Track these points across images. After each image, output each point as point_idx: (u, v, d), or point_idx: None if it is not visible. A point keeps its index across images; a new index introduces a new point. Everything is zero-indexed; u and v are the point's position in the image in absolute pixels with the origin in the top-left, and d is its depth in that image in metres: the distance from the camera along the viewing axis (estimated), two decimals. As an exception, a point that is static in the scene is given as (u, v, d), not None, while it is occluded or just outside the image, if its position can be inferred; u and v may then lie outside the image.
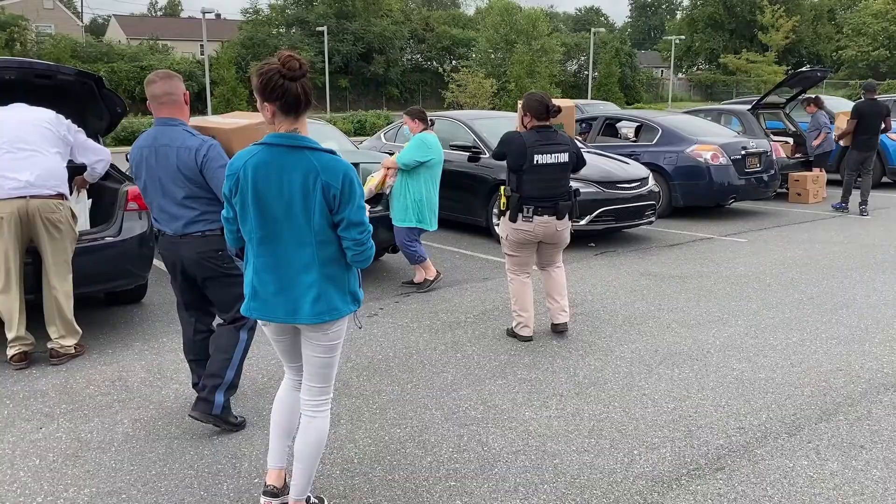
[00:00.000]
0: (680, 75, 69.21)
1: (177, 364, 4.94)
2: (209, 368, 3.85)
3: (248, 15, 54.07)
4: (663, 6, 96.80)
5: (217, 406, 3.81)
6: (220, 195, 3.37)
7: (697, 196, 10.39)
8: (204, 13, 31.93)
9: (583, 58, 59.40)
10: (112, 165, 6.06)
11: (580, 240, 8.86)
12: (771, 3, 56.62)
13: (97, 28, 73.68)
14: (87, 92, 5.57)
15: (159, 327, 5.79)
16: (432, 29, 59.03)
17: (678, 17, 78.71)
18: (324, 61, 45.70)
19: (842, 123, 12.01)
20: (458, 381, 4.59)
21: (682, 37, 61.43)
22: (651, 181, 9.06)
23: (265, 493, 3.07)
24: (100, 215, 5.79)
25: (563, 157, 5.20)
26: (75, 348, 5.03)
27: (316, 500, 3.12)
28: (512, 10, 50.62)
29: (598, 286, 6.89)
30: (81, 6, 74.66)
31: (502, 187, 5.20)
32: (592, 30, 49.10)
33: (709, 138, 10.64)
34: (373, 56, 52.63)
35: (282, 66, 2.57)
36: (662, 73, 71.99)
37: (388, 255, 8.00)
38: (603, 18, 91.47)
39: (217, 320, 4.07)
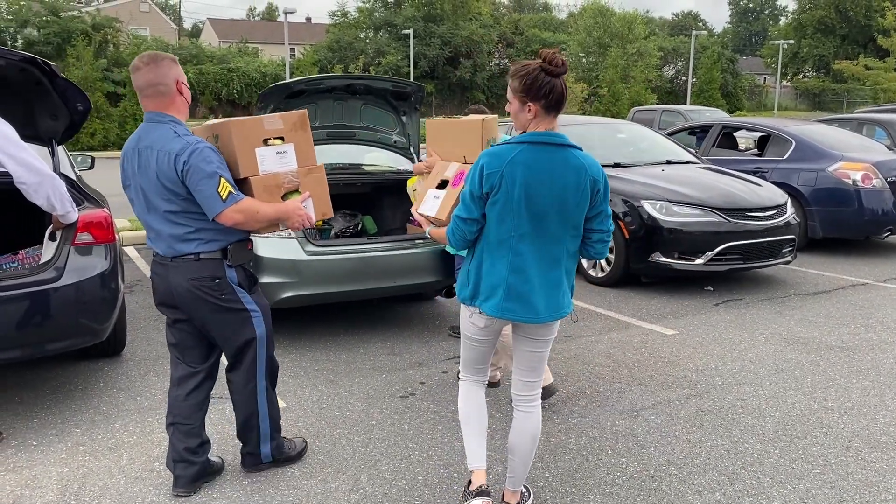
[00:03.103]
0: (785, 83, 64.94)
1: (110, 477, 3.37)
2: (240, 428, 3.30)
3: (335, 18, 53.50)
4: (766, 11, 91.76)
5: (266, 457, 3.35)
6: (209, 210, 2.89)
7: (843, 227, 8.25)
8: (286, 13, 31.01)
9: (680, 63, 56.26)
10: (69, 181, 4.60)
11: (695, 282, 6.92)
12: (894, 5, 52.01)
13: (196, 32, 75.12)
14: (32, 82, 4.09)
15: (122, 401, 4.25)
16: (522, 32, 56.98)
17: (782, 22, 74.17)
18: (409, 66, 44.49)
19: None
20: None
21: (791, 41, 57.35)
22: (790, 208, 7.03)
23: (479, 495, 2.94)
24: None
25: None
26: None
27: (525, 490, 3.08)
28: (606, 13, 48.14)
29: (726, 359, 4.97)
30: (179, 9, 76.36)
31: None
32: (693, 32, 46.05)
33: (858, 154, 8.47)
34: (459, 60, 51.02)
35: (546, 63, 2.59)
36: (765, 79, 67.75)
37: (424, 302, 6.34)
38: (701, 24, 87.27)
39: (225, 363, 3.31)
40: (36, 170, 3.66)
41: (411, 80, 42.89)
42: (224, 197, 2.86)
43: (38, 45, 39.29)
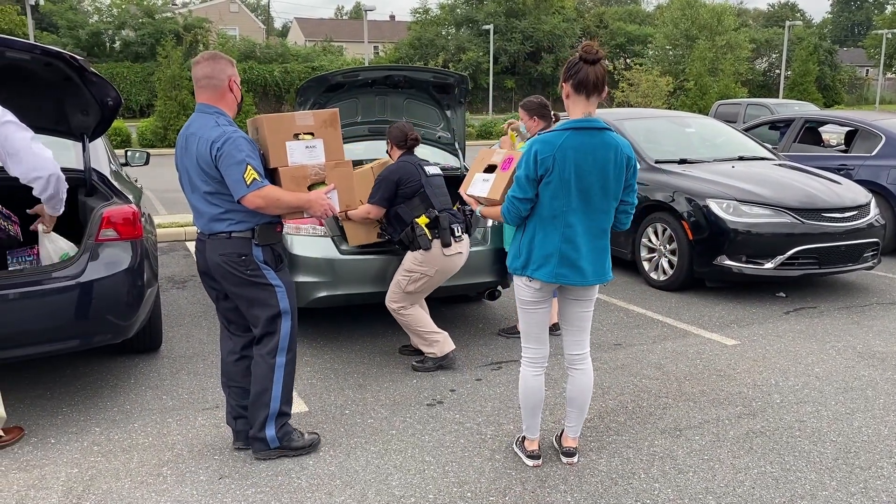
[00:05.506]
0: (889, 75, 61.25)
1: (116, 480, 3.29)
2: (251, 402, 3.46)
3: (417, 15, 53.63)
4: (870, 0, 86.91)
5: (272, 440, 3.44)
6: (234, 193, 3.18)
7: (938, 229, 7.55)
8: (366, 11, 31.29)
9: (774, 55, 53.86)
10: (101, 176, 4.59)
11: (766, 288, 6.44)
12: None
13: (285, 32, 76.89)
14: (60, 77, 4.06)
15: (147, 400, 4.20)
16: (606, 25, 55.77)
17: (888, 10, 69.98)
18: (489, 61, 44.19)
19: None
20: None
21: (895, 30, 54.03)
22: (874, 209, 6.45)
23: (532, 457, 3.39)
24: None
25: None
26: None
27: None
28: (695, 5, 46.48)
29: (789, 373, 4.54)
30: (268, 10, 78.40)
31: (419, 219, 4.41)
32: (787, 23, 43.94)
33: (957, 150, 7.73)
34: (541, 55, 50.35)
35: (584, 52, 3.01)
36: (868, 72, 64.12)
37: (470, 304, 6.08)
38: (799, 14, 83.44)
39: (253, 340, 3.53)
40: (44, 165, 3.57)
41: (491, 75, 42.45)
42: (248, 182, 3.14)
43: (133, 46, 40.98)
